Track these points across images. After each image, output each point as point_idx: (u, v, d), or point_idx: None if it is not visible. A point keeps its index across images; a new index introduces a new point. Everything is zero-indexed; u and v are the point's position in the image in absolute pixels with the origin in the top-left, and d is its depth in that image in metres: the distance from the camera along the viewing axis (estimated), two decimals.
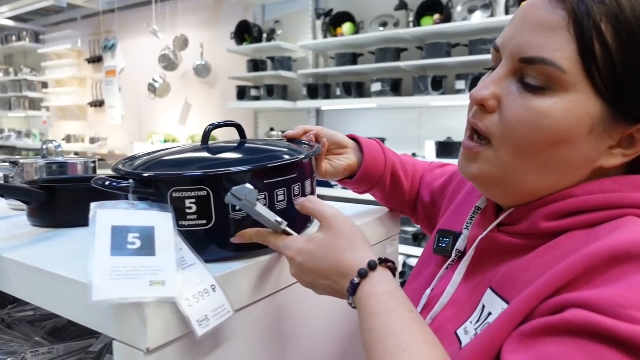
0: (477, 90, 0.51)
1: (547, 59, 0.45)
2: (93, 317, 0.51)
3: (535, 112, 0.46)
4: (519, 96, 0.47)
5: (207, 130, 0.65)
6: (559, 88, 0.45)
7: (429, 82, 3.00)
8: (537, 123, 0.46)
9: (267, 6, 4.13)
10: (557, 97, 0.45)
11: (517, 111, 0.47)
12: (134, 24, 5.25)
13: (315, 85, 3.60)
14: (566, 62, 0.44)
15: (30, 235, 0.73)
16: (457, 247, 0.60)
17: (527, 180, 0.49)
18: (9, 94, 6.50)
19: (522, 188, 0.50)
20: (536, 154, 0.47)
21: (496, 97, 0.49)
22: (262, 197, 0.56)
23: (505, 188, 0.51)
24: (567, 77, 0.44)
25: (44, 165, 0.92)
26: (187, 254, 0.51)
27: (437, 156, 3.02)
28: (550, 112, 0.45)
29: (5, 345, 0.79)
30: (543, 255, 0.47)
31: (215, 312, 0.48)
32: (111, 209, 0.50)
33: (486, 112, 0.50)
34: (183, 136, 4.98)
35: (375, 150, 0.82)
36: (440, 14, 3.02)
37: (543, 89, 0.46)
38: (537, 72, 0.46)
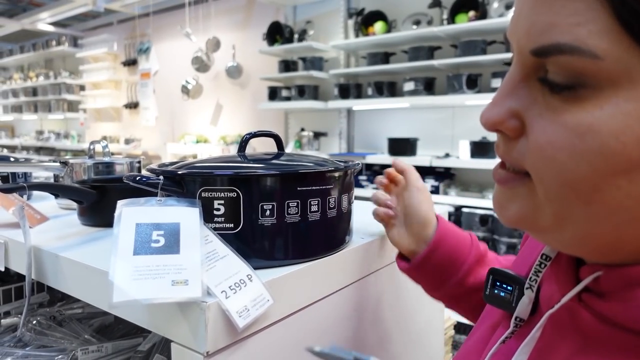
0: (487, 109, 0.34)
1: (562, 43, 0.28)
2: (150, 318, 0.50)
3: (572, 130, 0.29)
4: (545, 105, 0.30)
5: (244, 139, 0.63)
6: (602, 84, 0.27)
7: (463, 80, 2.94)
8: (580, 147, 0.28)
9: (298, 7, 4.14)
10: (603, 98, 0.27)
11: (545, 132, 0.30)
12: (167, 27, 5.36)
13: (347, 85, 3.58)
14: (597, 40, 0.26)
15: (82, 235, 0.74)
16: (517, 314, 0.41)
17: (592, 231, 0.31)
18: (48, 97, 6.75)
19: (590, 242, 0.32)
20: (596, 192, 0.29)
21: (515, 115, 0.32)
22: (295, 205, 0.54)
23: (563, 240, 0.33)
24: (605, 64, 0.27)
25: (92, 165, 0.93)
26: (219, 246, 0.50)
27: (471, 156, 2.96)
28: (597, 126, 0.28)
29: (56, 342, 0.81)
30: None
31: (254, 302, 0.47)
32: (137, 206, 0.49)
33: (510, 140, 0.34)
34: (214, 137, 5.05)
35: (458, 236, 0.63)
36: (475, 11, 2.96)
37: (575, 89, 0.28)
38: (559, 66, 0.29)
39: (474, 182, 3.23)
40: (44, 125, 7.58)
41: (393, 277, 0.80)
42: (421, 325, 0.92)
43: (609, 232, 0.30)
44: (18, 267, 0.71)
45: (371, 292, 0.74)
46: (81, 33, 6.69)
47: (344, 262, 0.65)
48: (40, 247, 0.66)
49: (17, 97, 7.36)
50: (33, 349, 0.79)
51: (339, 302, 0.65)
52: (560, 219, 0.32)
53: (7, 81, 7.65)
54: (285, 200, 0.53)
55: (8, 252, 0.73)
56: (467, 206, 2.96)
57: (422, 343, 0.93)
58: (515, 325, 0.41)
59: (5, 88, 7.59)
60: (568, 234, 0.32)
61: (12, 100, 7.48)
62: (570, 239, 0.32)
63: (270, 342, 0.53)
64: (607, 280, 0.32)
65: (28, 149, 7.32)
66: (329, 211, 0.58)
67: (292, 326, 0.56)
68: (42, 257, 0.66)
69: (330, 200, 0.58)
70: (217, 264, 0.47)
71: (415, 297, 0.88)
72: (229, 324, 0.46)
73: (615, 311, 0.31)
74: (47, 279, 0.66)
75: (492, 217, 2.84)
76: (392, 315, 0.81)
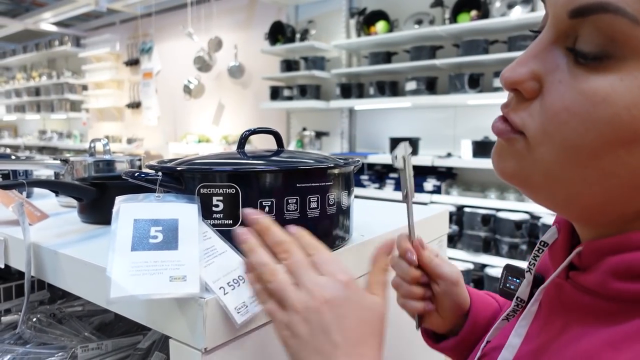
0: (510, 68, 0.35)
1: (609, 2, 0.28)
2: (149, 314, 0.50)
3: (589, 98, 0.30)
4: (567, 73, 0.32)
5: (244, 136, 0.63)
6: (628, 54, 0.28)
7: (465, 79, 2.94)
8: (593, 115, 0.30)
9: (300, 6, 4.14)
10: (625, 69, 0.29)
11: (563, 97, 0.31)
12: (169, 27, 5.37)
13: (349, 84, 3.57)
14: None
15: (81, 232, 0.74)
16: (517, 294, 0.45)
17: (582, 192, 0.33)
18: (51, 97, 6.77)
19: (578, 202, 0.34)
20: (594, 158, 0.31)
21: (536, 77, 0.33)
22: (294, 201, 0.54)
23: (554, 199, 0.36)
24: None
25: (92, 163, 0.93)
26: (217, 242, 0.50)
27: (473, 156, 2.95)
28: (613, 96, 0.29)
29: (56, 340, 0.81)
30: (619, 344, 0.31)
31: (252, 299, 0.46)
32: (135, 202, 0.49)
33: (523, 100, 0.35)
34: (216, 136, 5.05)
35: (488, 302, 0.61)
36: (477, 10, 2.95)
37: (601, 59, 0.29)
38: (595, 28, 0.29)
39: (476, 182, 3.23)
40: (47, 125, 7.60)
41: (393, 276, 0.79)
42: None
43: (597, 194, 0.32)
44: (18, 264, 0.71)
45: None
46: (84, 33, 6.71)
47: (343, 260, 0.64)
48: (40, 244, 0.66)
49: (20, 97, 7.38)
50: (33, 347, 0.79)
51: None
52: (551, 178, 0.34)
53: (10, 81, 7.68)
54: (284, 196, 0.53)
55: (8, 249, 0.73)
56: (469, 206, 2.95)
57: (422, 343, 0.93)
58: (517, 304, 0.44)
59: (8, 88, 7.61)
60: (558, 193, 0.34)
61: (15, 100, 7.51)
62: (560, 198, 0.35)
63: (268, 339, 0.52)
64: (586, 253, 0.36)
65: (31, 149, 7.34)
66: (328, 208, 0.58)
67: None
68: (41, 254, 0.66)
69: (330, 197, 0.58)
70: (215, 260, 0.47)
71: None
72: (227, 320, 0.46)
73: (589, 280, 0.35)
74: (47, 276, 0.66)
75: (494, 217, 2.83)
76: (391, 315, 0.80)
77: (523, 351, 0.40)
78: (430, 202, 3.06)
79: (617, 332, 0.31)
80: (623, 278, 0.32)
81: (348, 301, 0.39)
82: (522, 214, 2.73)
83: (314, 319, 0.38)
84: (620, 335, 0.31)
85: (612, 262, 0.33)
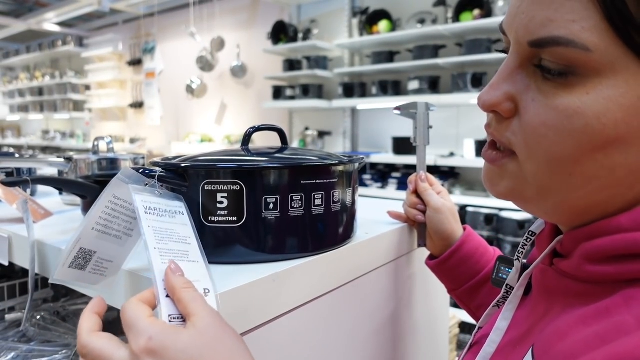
0: (486, 92, 0.38)
1: (559, 37, 0.32)
2: None
3: (562, 112, 0.34)
4: (538, 91, 0.35)
5: (248, 133, 0.63)
6: (589, 72, 0.32)
7: (468, 79, 2.93)
8: (568, 127, 0.33)
9: (302, 6, 4.13)
10: (589, 85, 0.32)
11: (538, 114, 0.35)
12: (172, 26, 5.38)
13: (351, 84, 3.57)
14: (589, 35, 0.31)
15: None
16: (507, 282, 0.48)
17: (570, 198, 0.36)
18: (54, 97, 6.78)
19: (567, 207, 0.37)
20: (576, 165, 0.34)
21: (510, 98, 0.37)
22: (298, 198, 0.54)
23: (545, 208, 0.39)
24: (595, 56, 0.31)
25: (96, 161, 0.94)
26: (193, 251, 0.47)
27: (476, 155, 2.94)
28: (583, 109, 0.33)
29: (60, 337, 0.81)
30: (589, 320, 0.33)
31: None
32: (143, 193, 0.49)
33: (503, 119, 0.38)
34: (219, 136, 5.06)
35: (481, 244, 0.74)
36: (480, 9, 2.94)
37: (566, 76, 0.33)
38: (553, 56, 0.33)
39: (479, 182, 3.22)
40: (50, 125, 7.62)
41: (397, 273, 0.79)
42: (425, 323, 0.91)
43: (582, 198, 0.36)
44: (22, 262, 0.71)
45: (375, 289, 0.73)
46: (87, 33, 6.73)
47: (347, 258, 0.64)
48: (44, 241, 0.66)
49: (24, 97, 7.40)
50: (37, 344, 0.79)
51: (341, 299, 0.65)
52: (543, 189, 0.37)
53: (13, 81, 7.70)
54: (289, 193, 0.53)
55: (12, 247, 0.73)
56: (472, 205, 2.94)
57: (426, 341, 0.92)
58: (506, 291, 0.48)
59: (11, 88, 7.64)
60: (549, 203, 0.38)
61: (19, 100, 7.53)
62: (551, 207, 0.38)
63: (272, 336, 0.52)
64: (566, 241, 0.39)
65: (34, 149, 7.36)
66: (333, 205, 0.58)
67: (294, 321, 0.56)
68: (45, 251, 0.66)
69: (335, 194, 0.58)
70: (180, 264, 0.44)
71: (419, 295, 0.87)
72: (234, 317, 0.46)
73: (568, 265, 0.38)
74: (51, 273, 0.66)
75: (497, 216, 2.83)
76: (396, 312, 0.80)
77: (510, 334, 0.43)
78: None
79: (590, 310, 0.34)
80: (595, 261, 0.35)
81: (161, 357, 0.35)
82: (525, 213, 2.73)
83: None
84: (592, 312, 0.34)
85: (585, 247, 0.36)
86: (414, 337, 0.87)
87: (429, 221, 0.74)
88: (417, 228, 0.78)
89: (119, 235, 0.50)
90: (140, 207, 0.46)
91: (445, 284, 0.76)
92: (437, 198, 0.74)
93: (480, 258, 0.71)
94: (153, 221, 0.47)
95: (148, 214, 0.47)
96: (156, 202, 0.49)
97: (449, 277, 0.74)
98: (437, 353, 0.97)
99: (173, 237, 0.47)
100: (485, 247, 0.73)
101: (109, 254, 0.51)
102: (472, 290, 0.71)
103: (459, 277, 0.72)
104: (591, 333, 0.32)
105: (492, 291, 0.68)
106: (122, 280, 0.53)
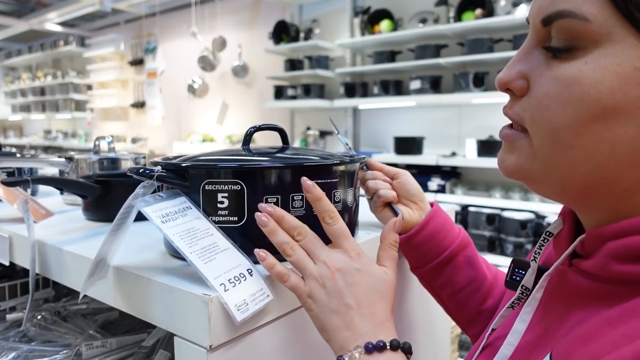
0: (502, 72, 0.41)
1: (563, 10, 0.35)
2: (154, 313, 0.50)
3: (562, 82, 0.36)
4: (546, 67, 0.37)
5: (249, 133, 0.63)
6: (589, 44, 0.34)
7: (470, 78, 2.92)
8: (567, 95, 0.35)
9: (304, 5, 4.13)
10: (589, 56, 0.34)
11: (543, 85, 0.37)
12: (174, 26, 5.38)
13: (353, 83, 3.57)
14: (589, 7, 0.34)
15: (86, 229, 0.73)
16: (523, 283, 0.47)
17: (574, 174, 0.37)
18: (56, 96, 6.79)
19: (573, 185, 0.38)
20: (577, 136, 0.35)
21: (523, 76, 0.39)
22: (300, 198, 0.53)
23: (552, 186, 0.39)
24: (593, 26, 0.34)
25: (97, 160, 0.93)
26: (219, 239, 0.49)
27: (478, 155, 2.94)
28: (580, 77, 0.34)
29: (61, 337, 0.81)
30: (615, 322, 0.33)
31: (253, 297, 0.46)
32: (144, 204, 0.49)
33: (516, 97, 0.41)
34: (221, 136, 5.06)
35: (448, 221, 0.71)
36: (482, 9, 2.93)
37: (569, 50, 0.35)
38: (560, 30, 0.36)
39: (481, 181, 3.21)
40: (52, 125, 7.64)
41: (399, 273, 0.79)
42: (427, 323, 0.91)
43: (585, 174, 0.36)
44: (22, 262, 0.71)
45: None
46: (88, 33, 6.73)
47: None
48: (45, 241, 0.66)
49: (26, 97, 7.41)
50: (38, 344, 0.79)
51: None
52: (548, 164, 0.38)
53: (15, 81, 7.71)
54: (290, 193, 0.52)
55: (12, 247, 0.73)
56: (474, 205, 2.94)
57: (427, 341, 0.92)
58: (522, 292, 0.47)
59: (13, 88, 7.65)
60: (555, 179, 0.38)
61: (21, 100, 7.54)
62: (558, 184, 0.39)
63: (273, 337, 0.52)
64: (589, 241, 0.38)
65: (36, 149, 7.37)
66: (334, 205, 0.57)
67: (295, 322, 0.55)
68: (46, 251, 0.66)
69: (336, 194, 0.57)
70: (217, 257, 0.47)
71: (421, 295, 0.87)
72: None
73: (591, 265, 0.37)
74: (51, 273, 0.66)
75: (499, 216, 2.82)
76: (397, 313, 0.80)
77: (527, 337, 0.43)
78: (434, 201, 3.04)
79: (615, 311, 0.34)
80: (623, 260, 0.35)
81: (358, 271, 0.46)
82: (527, 213, 2.72)
83: (328, 284, 0.45)
84: (618, 313, 0.33)
85: (612, 246, 0.35)
86: (414, 336, 0.86)
87: (402, 182, 0.71)
88: (389, 206, 0.71)
89: (114, 232, 0.51)
90: (155, 219, 0.47)
91: (410, 261, 0.73)
92: (388, 167, 0.74)
93: (447, 234, 0.69)
94: (173, 227, 0.47)
95: (165, 223, 0.47)
96: (164, 207, 0.49)
97: (415, 254, 0.70)
98: (438, 353, 0.97)
99: (197, 235, 0.48)
100: (452, 224, 0.71)
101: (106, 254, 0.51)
102: (437, 268, 0.69)
103: (426, 254, 0.69)
104: (618, 334, 0.32)
105: (456, 271, 0.68)
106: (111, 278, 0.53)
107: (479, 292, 0.69)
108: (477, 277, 0.69)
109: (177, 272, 0.51)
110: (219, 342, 0.45)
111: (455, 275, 0.68)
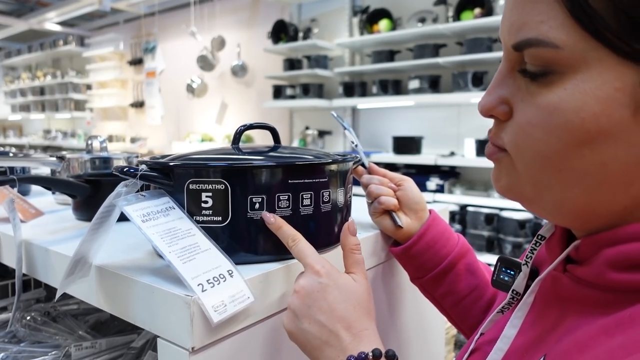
0: (483, 98, 0.40)
1: (530, 38, 0.34)
2: (137, 313, 0.49)
3: (544, 110, 0.34)
4: (526, 93, 0.36)
5: (239, 131, 0.62)
6: (565, 69, 0.33)
7: (469, 78, 2.91)
8: (550, 123, 0.34)
9: (303, 5, 4.12)
10: (567, 81, 0.33)
11: (525, 113, 0.36)
12: (173, 26, 5.37)
13: (352, 83, 3.56)
14: (556, 34, 0.32)
15: (74, 229, 0.73)
16: (513, 287, 0.46)
17: (567, 196, 0.36)
18: (56, 96, 6.79)
19: (567, 207, 0.36)
20: (564, 161, 0.34)
21: (505, 101, 0.38)
22: (286, 198, 0.53)
23: (545, 207, 0.38)
24: (565, 52, 0.32)
25: (89, 160, 0.93)
26: (201, 240, 0.49)
27: (477, 155, 2.93)
28: (561, 104, 0.33)
29: (51, 338, 0.80)
30: (611, 331, 0.32)
31: (233, 298, 0.45)
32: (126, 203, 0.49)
33: (500, 123, 0.39)
34: (220, 135, 5.05)
35: (447, 229, 0.69)
36: (481, 8, 2.93)
37: (545, 74, 0.34)
38: (531, 57, 0.35)
39: (480, 181, 3.20)
40: (52, 125, 7.63)
41: (391, 274, 0.78)
42: (421, 324, 0.90)
43: (579, 196, 0.35)
44: (9, 262, 0.70)
45: None
46: (88, 33, 6.73)
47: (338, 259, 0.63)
48: (31, 241, 0.66)
49: (25, 97, 7.41)
50: (27, 345, 0.78)
51: None
52: (538, 187, 0.37)
53: (15, 81, 7.71)
54: (275, 193, 0.52)
55: (0, 247, 0.72)
56: (473, 205, 2.93)
57: (422, 342, 0.91)
58: (512, 297, 0.46)
59: (13, 87, 7.65)
60: (547, 201, 0.37)
61: (20, 99, 7.54)
62: (549, 206, 0.38)
63: (259, 338, 0.51)
64: (583, 247, 0.37)
65: (35, 148, 7.37)
66: (323, 205, 0.56)
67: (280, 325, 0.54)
68: (32, 251, 0.65)
69: (325, 194, 0.57)
70: (196, 257, 0.46)
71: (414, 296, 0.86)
72: None
73: (587, 272, 0.36)
74: (38, 273, 0.66)
75: (497, 216, 2.81)
76: (390, 314, 0.79)
77: (518, 342, 0.42)
78: (433, 201, 3.04)
79: (611, 320, 0.33)
80: (619, 269, 0.34)
81: (325, 287, 0.46)
82: (525, 213, 2.71)
83: (297, 310, 0.46)
84: (614, 322, 0.33)
85: (608, 254, 0.34)
86: (408, 338, 0.85)
87: (405, 189, 0.69)
88: (389, 213, 0.70)
89: (94, 231, 0.50)
90: (136, 219, 0.46)
91: (409, 271, 0.71)
92: (392, 173, 0.72)
93: (446, 242, 0.67)
94: (153, 227, 0.47)
95: (146, 222, 0.47)
96: (146, 207, 0.48)
97: (414, 264, 0.69)
98: (433, 354, 0.96)
99: (178, 235, 0.48)
100: (450, 232, 0.69)
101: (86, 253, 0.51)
102: (437, 278, 0.67)
103: (425, 263, 0.67)
104: (615, 345, 0.31)
105: (457, 279, 0.67)
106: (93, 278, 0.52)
107: (481, 300, 0.67)
108: (479, 284, 0.67)
109: (161, 273, 0.50)
110: (202, 344, 0.44)
111: (456, 284, 0.67)
